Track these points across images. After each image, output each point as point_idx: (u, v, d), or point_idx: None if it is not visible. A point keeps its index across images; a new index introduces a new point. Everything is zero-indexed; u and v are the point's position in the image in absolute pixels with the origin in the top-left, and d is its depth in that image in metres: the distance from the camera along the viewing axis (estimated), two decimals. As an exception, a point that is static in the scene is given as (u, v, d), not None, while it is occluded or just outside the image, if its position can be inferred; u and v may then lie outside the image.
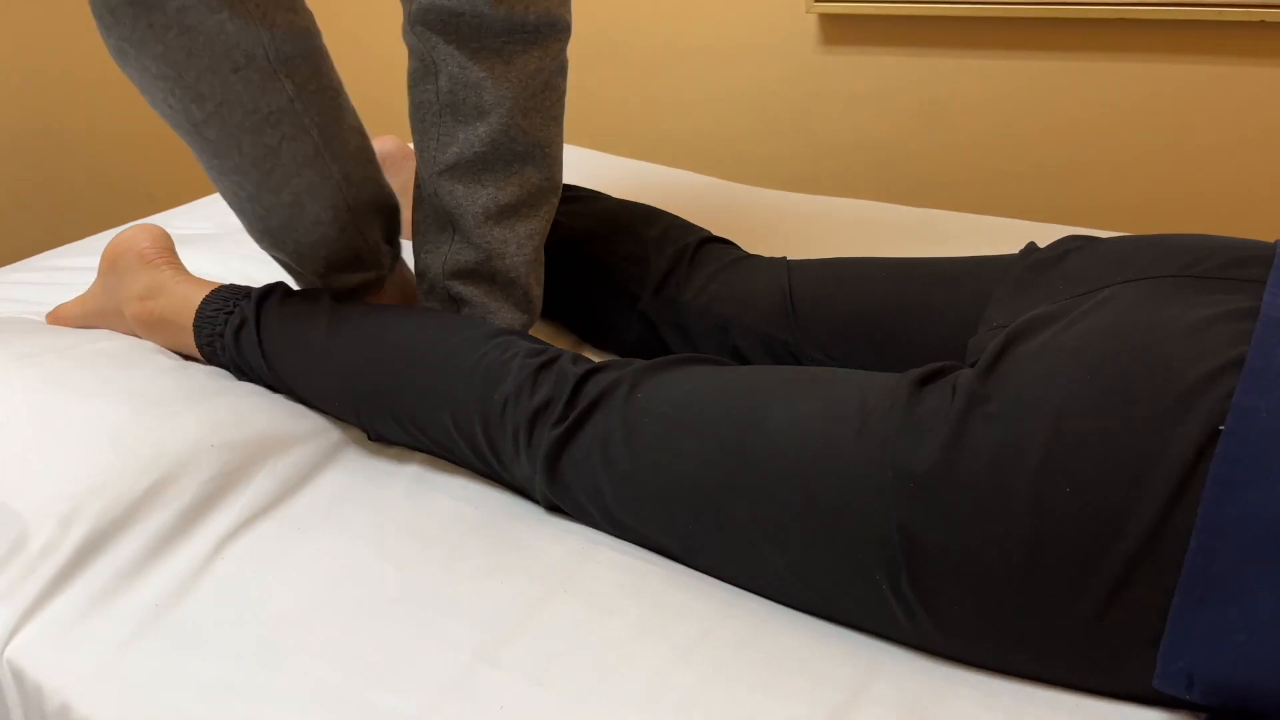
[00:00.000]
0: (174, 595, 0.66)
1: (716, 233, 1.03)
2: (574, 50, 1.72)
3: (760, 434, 0.62)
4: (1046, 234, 1.12)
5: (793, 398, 0.63)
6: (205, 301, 0.86)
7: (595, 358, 0.82)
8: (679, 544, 0.66)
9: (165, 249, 0.93)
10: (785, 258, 0.89)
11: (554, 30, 0.82)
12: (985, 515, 0.55)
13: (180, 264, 0.93)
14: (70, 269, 1.13)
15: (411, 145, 1.10)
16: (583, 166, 1.38)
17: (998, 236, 1.13)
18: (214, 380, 0.84)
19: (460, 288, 0.84)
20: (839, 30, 1.58)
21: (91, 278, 1.05)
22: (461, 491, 0.76)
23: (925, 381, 0.61)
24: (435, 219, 0.86)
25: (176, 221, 1.34)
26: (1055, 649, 0.55)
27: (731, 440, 0.63)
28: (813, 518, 0.60)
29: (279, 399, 0.83)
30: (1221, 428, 0.51)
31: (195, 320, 0.86)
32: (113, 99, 1.97)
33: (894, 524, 0.57)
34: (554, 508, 0.73)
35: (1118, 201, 1.46)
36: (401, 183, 1.14)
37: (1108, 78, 1.39)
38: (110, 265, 0.93)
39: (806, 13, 1.56)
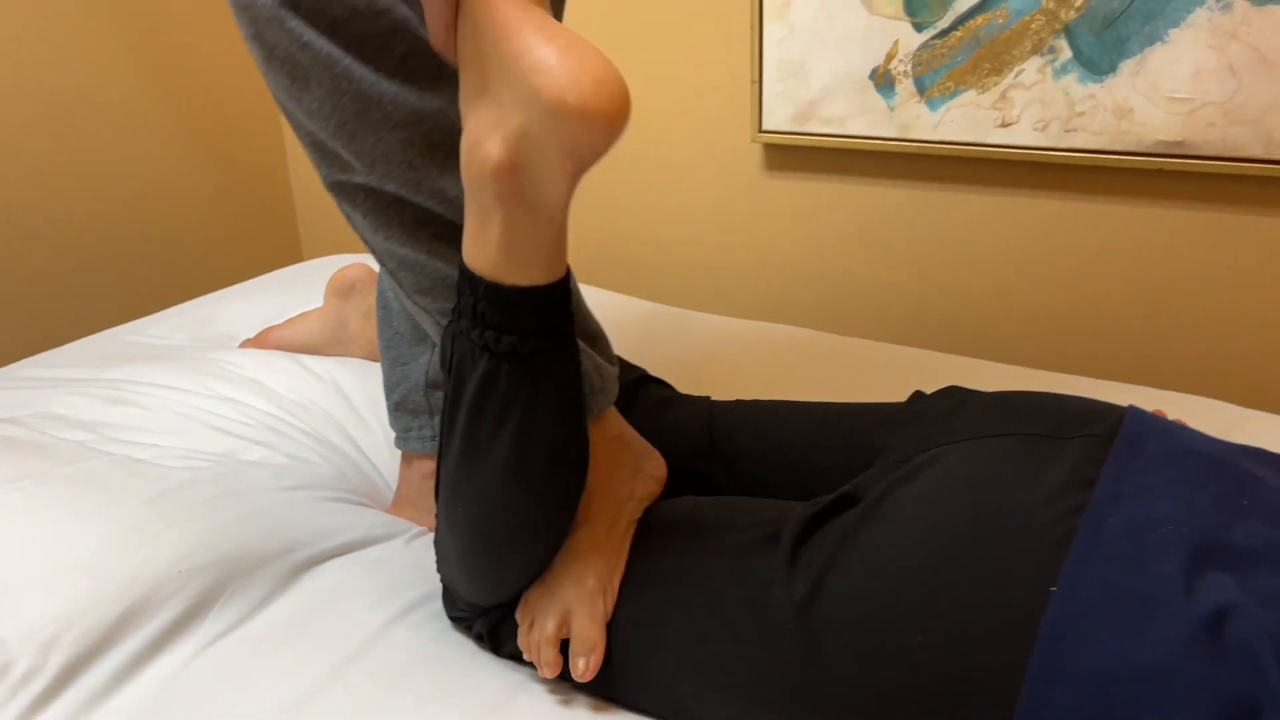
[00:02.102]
0: (144, 713, 0.73)
1: (655, 354, 1.14)
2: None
3: None
4: (956, 367, 1.23)
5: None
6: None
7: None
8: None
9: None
10: (709, 397, 0.99)
11: None
12: (847, 655, 0.64)
13: None
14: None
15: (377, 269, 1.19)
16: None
17: (913, 369, 1.23)
18: (190, 500, 0.91)
19: (438, 396, 0.92)
20: (780, 158, 1.70)
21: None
22: (413, 620, 0.83)
23: (808, 530, 0.70)
24: (411, 333, 0.94)
25: (151, 329, 1.42)
26: None
27: None
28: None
29: (249, 517, 0.90)
30: (1053, 589, 0.61)
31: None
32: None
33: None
34: None
35: (1034, 335, 1.58)
36: (368, 307, 1.23)
37: (1026, 213, 1.52)
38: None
39: (751, 141, 1.69)
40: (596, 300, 1.49)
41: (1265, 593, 0.59)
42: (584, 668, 0.71)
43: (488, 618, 0.78)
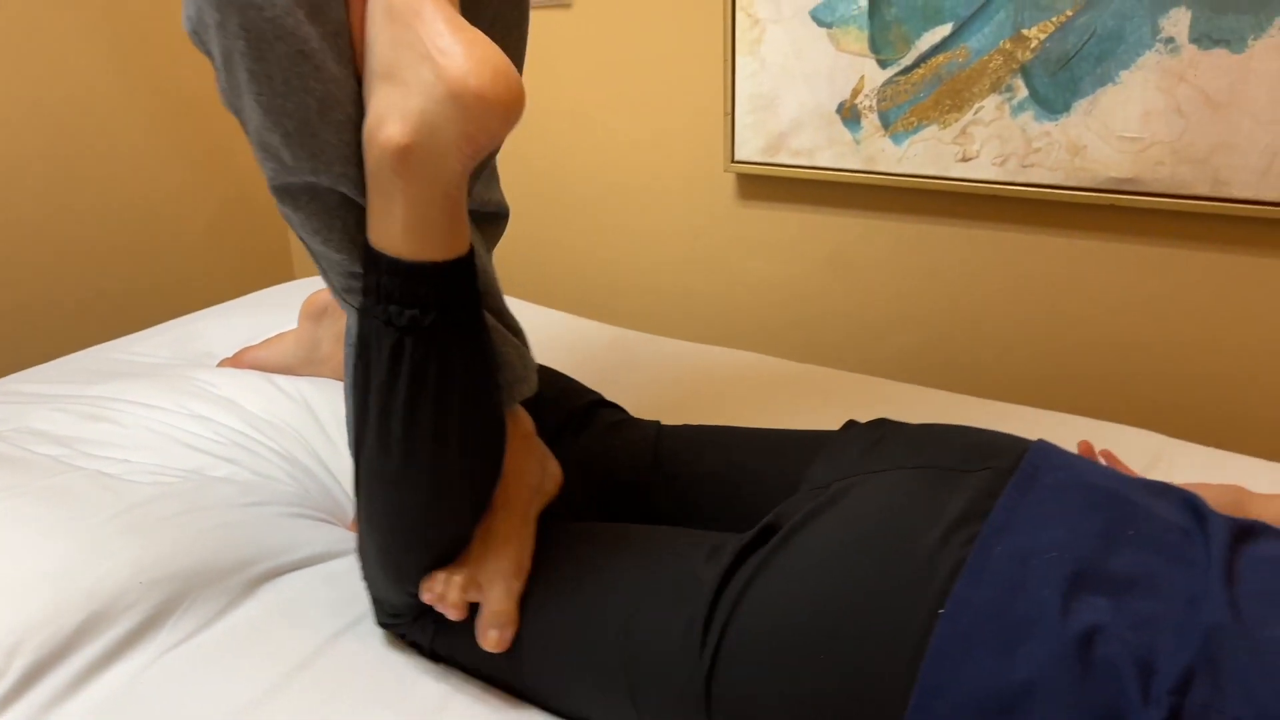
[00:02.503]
0: (100, 714, 0.78)
1: (626, 379, 1.18)
2: (519, 200, 1.89)
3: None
4: (909, 396, 1.27)
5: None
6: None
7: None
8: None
9: None
10: (658, 422, 1.03)
11: (499, 218, 0.97)
12: (761, 674, 0.68)
13: None
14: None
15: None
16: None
17: (870, 396, 1.27)
18: (156, 515, 0.95)
19: None
20: (753, 188, 1.75)
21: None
22: (363, 629, 0.88)
23: (738, 560, 0.74)
24: None
25: (136, 347, 1.47)
26: None
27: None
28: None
29: (212, 531, 0.95)
30: (941, 610, 0.65)
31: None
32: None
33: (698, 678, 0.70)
34: None
35: (995, 362, 1.62)
36: (339, 330, 1.28)
37: (987, 245, 1.56)
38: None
39: (725, 171, 1.74)
40: (574, 326, 1.55)
41: (1136, 616, 0.63)
42: (497, 638, 0.75)
43: (422, 626, 0.82)
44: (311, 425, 1.18)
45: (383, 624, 0.86)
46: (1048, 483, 0.73)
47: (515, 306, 1.58)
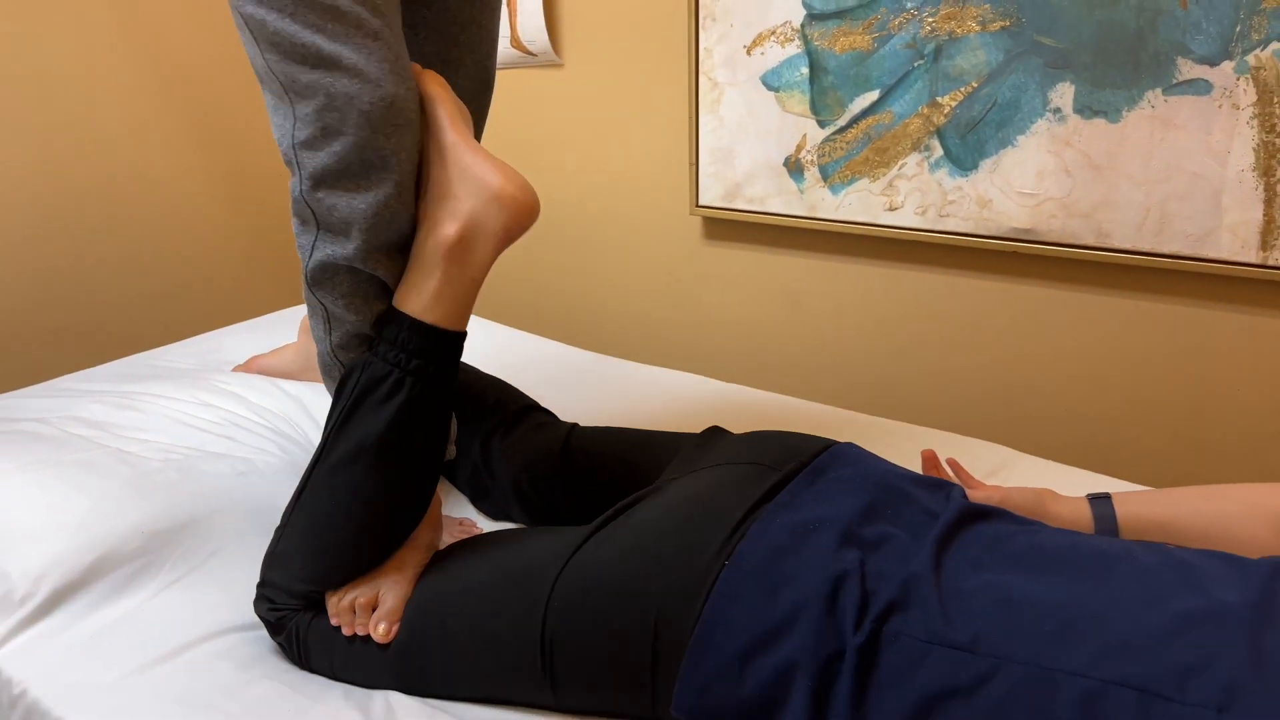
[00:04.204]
0: (107, 632, 1.01)
1: (574, 394, 1.39)
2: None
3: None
4: (840, 420, 1.46)
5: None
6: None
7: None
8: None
9: None
10: (575, 424, 1.24)
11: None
12: (591, 621, 0.87)
13: None
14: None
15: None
16: (491, 342, 1.76)
17: (806, 422, 1.46)
18: (161, 482, 1.18)
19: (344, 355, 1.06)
20: (717, 229, 1.96)
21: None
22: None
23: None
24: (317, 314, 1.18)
25: (168, 355, 1.72)
26: (625, 698, 0.87)
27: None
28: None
29: (205, 494, 1.17)
30: (727, 562, 0.85)
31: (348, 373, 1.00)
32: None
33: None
34: None
35: (920, 391, 1.80)
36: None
37: (912, 284, 1.75)
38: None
39: (690, 214, 1.95)
40: (553, 352, 1.76)
41: (872, 569, 0.82)
42: (385, 629, 0.96)
43: (303, 616, 1.00)
44: (302, 414, 1.41)
45: (263, 617, 1.01)
46: (832, 475, 0.93)
47: (505, 331, 1.81)
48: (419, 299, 0.96)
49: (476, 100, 1.22)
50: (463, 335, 0.98)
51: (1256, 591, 0.72)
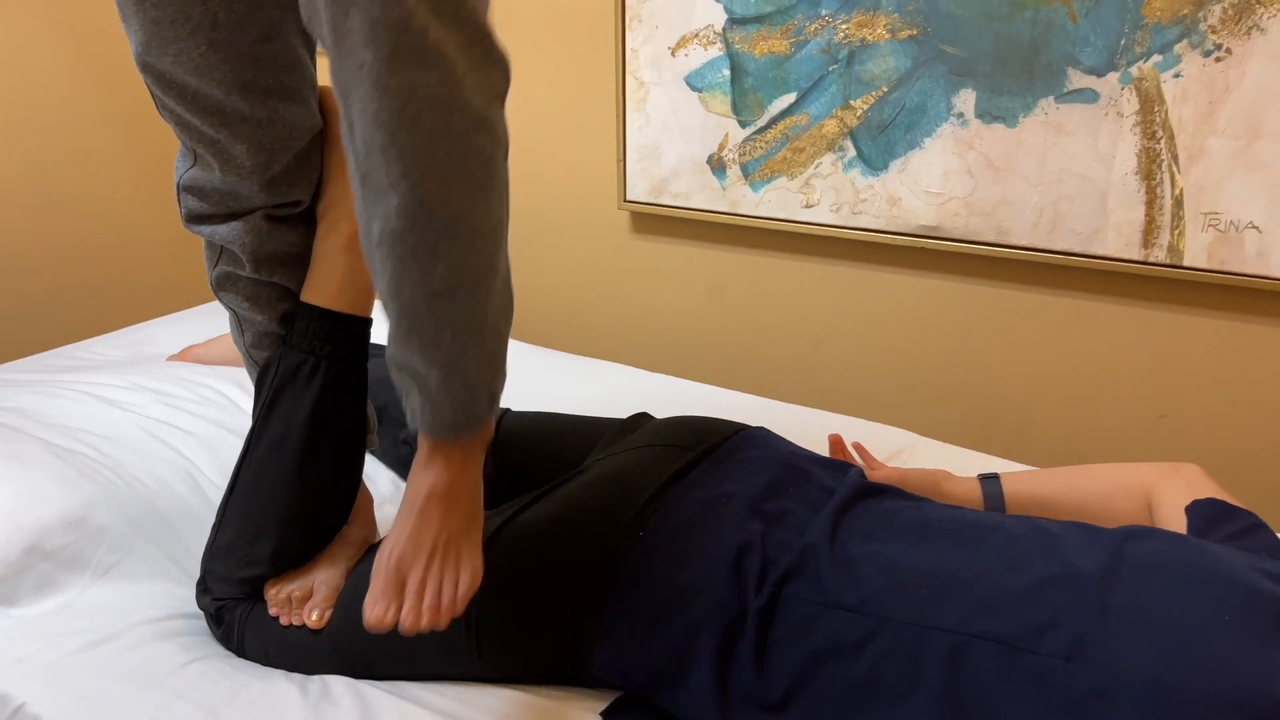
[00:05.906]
0: (47, 617, 1.04)
1: (506, 382, 1.44)
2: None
3: None
4: (758, 408, 1.53)
5: None
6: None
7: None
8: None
9: None
10: (508, 409, 1.30)
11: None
12: (514, 591, 0.94)
13: None
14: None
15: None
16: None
17: (726, 409, 1.54)
18: (86, 471, 1.21)
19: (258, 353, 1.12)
20: (644, 224, 2.03)
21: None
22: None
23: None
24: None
25: (97, 347, 1.73)
26: (548, 662, 0.93)
27: None
28: None
29: (129, 484, 1.20)
30: (642, 533, 0.91)
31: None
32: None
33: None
34: None
35: (835, 379, 1.89)
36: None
37: (827, 278, 1.84)
38: None
39: (618, 208, 2.01)
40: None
41: (774, 540, 0.90)
42: (318, 616, 1.01)
43: (244, 606, 1.04)
44: (236, 403, 1.44)
45: (204, 607, 1.05)
46: (741, 456, 1.00)
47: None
48: (325, 291, 1.02)
49: None
50: (369, 321, 1.04)
51: (1107, 556, 0.81)
